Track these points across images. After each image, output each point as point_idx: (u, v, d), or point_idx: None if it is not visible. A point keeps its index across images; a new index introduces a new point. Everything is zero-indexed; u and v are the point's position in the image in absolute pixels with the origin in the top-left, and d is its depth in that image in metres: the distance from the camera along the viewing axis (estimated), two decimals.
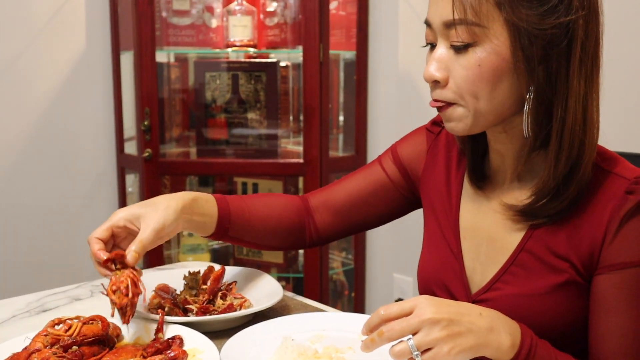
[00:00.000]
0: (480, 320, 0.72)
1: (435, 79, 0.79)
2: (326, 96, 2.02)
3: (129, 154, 2.20)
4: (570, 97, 0.76)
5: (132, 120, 2.19)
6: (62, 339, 0.81)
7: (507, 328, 0.73)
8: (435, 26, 0.79)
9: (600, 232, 0.78)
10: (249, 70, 2.08)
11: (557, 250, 0.80)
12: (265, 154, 2.09)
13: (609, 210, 0.78)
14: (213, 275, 1.02)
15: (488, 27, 0.74)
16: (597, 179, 0.79)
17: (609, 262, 0.78)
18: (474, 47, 0.76)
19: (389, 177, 1.02)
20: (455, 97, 0.79)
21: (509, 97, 0.78)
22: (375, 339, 0.71)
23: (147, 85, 2.00)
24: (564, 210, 0.80)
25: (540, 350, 0.74)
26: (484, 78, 0.76)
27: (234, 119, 2.11)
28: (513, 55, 0.75)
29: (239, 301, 0.99)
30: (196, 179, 2.23)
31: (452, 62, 0.78)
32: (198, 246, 2.19)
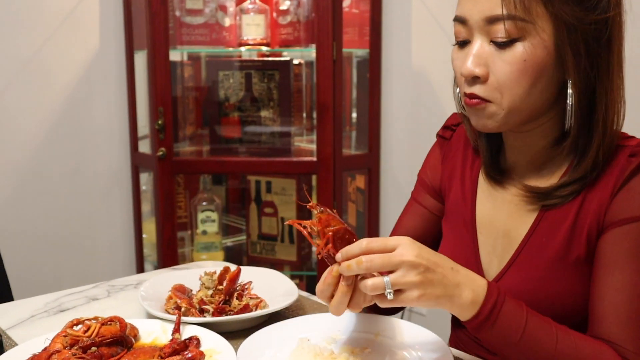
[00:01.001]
0: (450, 274, 0.74)
1: (475, 74, 0.79)
2: (339, 94, 2.02)
3: (143, 153, 2.21)
4: (612, 89, 0.78)
5: (146, 119, 2.20)
6: (81, 339, 0.82)
7: (471, 284, 0.75)
8: (473, 22, 0.79)
9: (605, 199, 0.80)
10: (262, 69, 2.08)
11: (567, 229, 0.82)
12: (278, 152, 2.10)
13: (614, 176, 0.80)
14: (229, 275, 1.02)
15: (534, 22, 0.75)
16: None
17: (609, 222, 0.80)
18: (519, 42, 0.76)
19: (429, 210, 1.02)
20: (493, 95, 0.79)
21: (546, 92, 0.79)
22: (353, 266, 0.72)
23: (160, 84, 2.01)
24: (577, 190, 0.82)
25: (506, 310, 0.75)
26: (528, 73, 0.77)
27: (247, 117, 2.11)
28: (559, 49, 0.76)
29: (254, 301, 1.00)
30: (210, 178, 2.23)
31: (492, 58, 0.78)
32: (212, 244, 2.20)
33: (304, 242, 2.21)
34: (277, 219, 2.22)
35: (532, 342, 0.75)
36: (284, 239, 2.22)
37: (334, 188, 2.02)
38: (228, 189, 2.43)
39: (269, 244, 2.24)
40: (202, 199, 2.19)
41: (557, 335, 0.76)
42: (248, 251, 2.28)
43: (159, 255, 2.12)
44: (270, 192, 2.22)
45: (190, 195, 2.27)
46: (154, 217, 2.17)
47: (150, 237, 2.28)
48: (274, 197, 2.22)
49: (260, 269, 1.13)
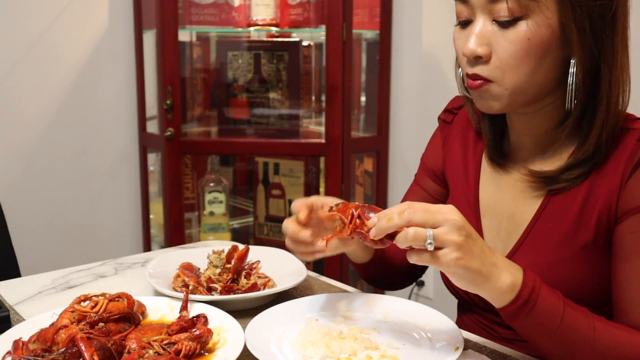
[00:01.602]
0: (488, 251, 0.72)
1: (477, 54, 0.77)
2: (348, 76, 2.00)
3: (151, 133, 2.20)
4: (616, 68, 0.76)
5: (154, 99, 2.19)
6: (88, 315, 0.82)
7: (509, 267, 0.73)
8: (475, 1, 0.77)
9: (616, 185, 0.78)
10: (271, 50, 2.06)
11: (575, 214, 0.80)
12: (286, 134, 2.08)
13: (623, 161, 0.78)
14: (237, 254, 1.01)
15: (538, 0, 0.73)
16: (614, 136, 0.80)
17: (625, 209, 0.78)
18: (523, 21, 0.74)
19: (431, 195, 1.02)
20: (495, 75, 0.77)
21: (550, 72, 0.77)
22: (395, 217, 0.70)
23: (169, 64, 1.99)
24: (584, 173, 0.80)
25: (544, 296, 0.73)
26: (532, 52, 0.75)
27: (255, 99, 2.10)
28: (563, 27, 0.74)
29: (262, 280, 0.99)
30: (217, 159, 2.22)
31: (496, 37, 0.76)
32: (219, 225, 2.20)
33: None
34: (284, 201, 2.21)
35: (570, 329, 0.73)
36: None
37: (342, 171, 2.01)
38: (236, 171, 2.43)
39: (276, 226, 2.24)
40: (209, 180, 2.18)
41: (594, 324, 0.74)
42: (255, 233, 2.28)
43: (166, 236, 2.12)
44: (278, 174, 2.22)
45: (197, 176, 2.26)
46: (161, 198, 2.17)
47: (157, 217, 2.28)
48: (281, 179, 2.21)
49: (268, 248, 1.12)
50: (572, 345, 0.73)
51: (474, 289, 0.72)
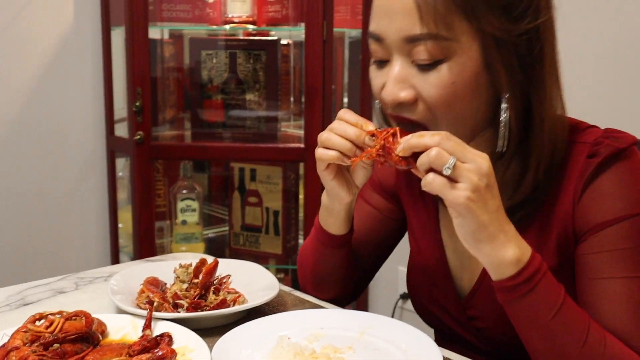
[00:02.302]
0: (503, 215, 0.71)
1: (400, 100, 0.75)
2: (329, 77, 2.00)
3: (120, 137, 2.19)
4: (547, 100, 0.76)
5: (123, 101, 2.18)
6: (42, 335, 0.81)
7: (519, 242, 0.72)
8: (391, 42, 0.75)
9: (569, 205, 0.79)
10: (248, 49, 2.06)
11: (533, 241, 0.80)
12: (264, 137, 2.08)
13: (574, 180, 0.78)
14: (205, 268, 1.00)
15: (459, 40, 0.72)
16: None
17: (583, 230, 0.79)
18: (445, 63, 0.73)
19: (379, 211, 1.02)
20: (426, 117, 0.76)
21: (482, 112, 0.77)
22: (427, 136, 0.70)
23: (139, 63, 1.98)
24: (530, 213, 0.80)
25: (546, 282, 0.72)
26: (459, 95, 0.74)
27: (231, 101, 2.10)
28: (489, 66, 0.73)
29: (232, 296, 0.99)
30: (190, 164, 2.22)
31: (417, 80, 0.75)
32: (192, 235, 2.19)
33: (290, 234, 2.21)
34: (261, 209, 2.21)
35: (563, 326, 0.72)
36: (268, 230, 2.21)
37: None
38: (210, 177, 2.42)
39: (252, 236, 2.23)
40: (182, 187, 2.17)
41: (589, 326, 0.73)
42: (230, 243, 2.28)
43: (136, 246, 2.11)
44: (254, 181, 2.21)
45: (169, 182, 2.25)
46: (131, 206, 2.15)
47: (126, 226, 2.26)
48: (258, 186, 2.21)
49: (239, 261, 1.12)
50: (561, 344, 0.73)
51: (474, 246, 0.71)
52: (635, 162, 0.78)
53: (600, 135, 0.80)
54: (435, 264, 0.94)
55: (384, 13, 0.75)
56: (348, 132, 0.79)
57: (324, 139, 0.81)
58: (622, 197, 0.76)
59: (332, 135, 0.80)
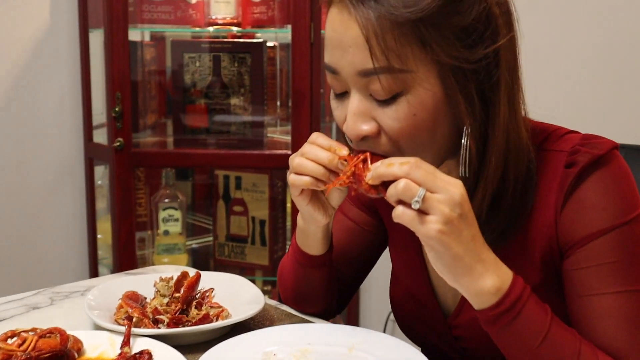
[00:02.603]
0: (480, 243, 0.71)
1: (363, 134, 0.76)
2: (317, 80, 2.01)
3: (98, 144, 2.18)
4: (498, 118, 0.76)
5: (102, 106, 2.17)
6: (15, 354, 0.80)
7: (497, 269, 0.72)
8: (346, 75, 0.75)
9: (551, 218, 0.79)
10: (232, 52, 2.06)
11: (516, 259, 0.80)
12: (249, 144, 2.08)
13: (554, 192, 0.78)
14: (187, 281, 1.01)
15: (416, 71, 0.72)
16: (538, 164, 0.80)
17: (568, 244, 0.78)
18: (403, 96, 0.73)
19: (355, 222, 1.02)
20: (389, 149, 0.76)
21: (450, 138, 0.77)
22: (395, 166, 0.70)
23: (118, 67, 1.98)
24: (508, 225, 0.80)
25: (530, 308, 0.72)
26: (422, 127, 0.74)
27: (215, 105, 2.10)
28: (449, 96, 0.73)
29: (215, 311, 0.99)
30: (173, 172, 2.21)
31: (378, 113, 0.75)
32: (175, 246, 2.18)
33: (277, 245, 2.21)
34: (247, 218, 2.21)
35: (552, 350, 0.72)
36: (254, 240, 2.21)
37: None
38: (193, 185, 2.41)
39: (238, 247, 2.23)
40: (164, 196, 2.17)
41: (580, 348, 0.74)
42: (215, 254, 2.27)
43: (115, 258, 2.10)
44: (240, 189, 2.21)
45: (151, 191, 2.24)
46: (110, 216, 2.14)
47: (105, 237, 2.25)
48: (244, 194, 2.21)
49: (223, 274, 1.12)
50: None
51: (452, 279, 0.71)
52: (616, 168, 0.78)
53: (577, 142, 0.80)
54: (418, 282, 0.94)
55: (336, 46, 0.75)
56: (320, 156, 0.80)
57: (296, 165, 0.82)
58: (605, 208, 0.76)
59: (304, 161, 0.81)
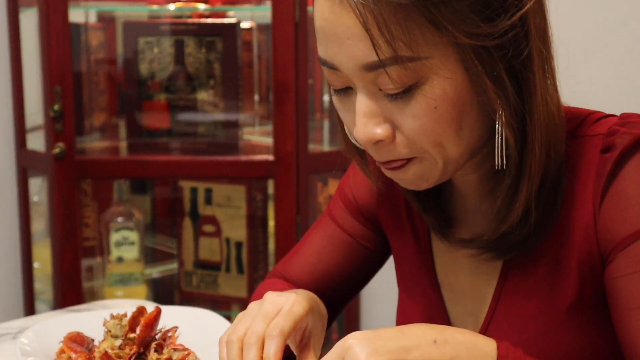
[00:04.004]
0: (435, 351, 0.71)
1: (377, 139, 0.77)
2: (304, 69, 2.01)
3: (34, 150, 2.18)
4: (536, 99, 0.77)
5: (38, 104, 2.16)
6: None
7: (473, 353, 0.72)
8: (348, 70, 0.76)
9: (589, 217, 0.80)
10: (199, 35, 2.06)
11: (548, 272, 0.82)
12: (221, 148, 2.08)
13: (591, 184, 0.80)
14: (144, 318, 1.02)
15: (430, 57, 0.73)
16: (570, 154, 0.82)
17: (609, 247, 0.79)
18: (419, 88, 0.74)
19: (349, 235, 1.04)
20: (412, 151, 0.78)
21: (479, 130, 0.79)
22: None
23: (57, 55, 1.98)
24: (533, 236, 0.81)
25: None
26: (446, 120, 0.75)
27: (178, 101, 2.10)
28: (473, 81, 0.75)
29: (180, 354, 0.99)
30: (127, 184, 2.21)
31: (391, 111, 0.76)
32: (131, 275, 2.17)
33: (257, 272, 2.20)
34: (220, 240, 2.20)
35: None
36: (230, 267, 2.20)
37: (297, 197, 2.01)
38: (153, 200, 2.42)
39: (209, 275, 2.23)
40: (116, 214, 2.16)
41: None
42: (181, 285, 2.27)
43: (57, 292, 2.09)
44: (210, 204, 2.21)
45: (100, 208, 2.24)
46: (50, 239, 2.13)
47: (44, 266, 2.24)
48: (215, 211, 2.21)
49: (189, 309, 1.13)
50: None
51: None
52: None
53: (614, 123, 0.81)
54: (429, 309, 0.95)
55: (331, 38, 0.75)
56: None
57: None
58: None
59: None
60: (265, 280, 1.10)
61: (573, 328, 0.82)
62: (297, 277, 1.05)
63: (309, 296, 0.90)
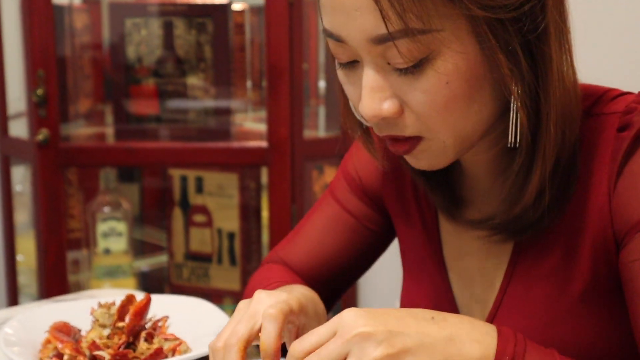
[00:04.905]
0: (433, 328, 0.72)
1: (383, 115, 0.77)
2: (299, 52, 2.01)
3: (16, 138, 2.18)
4: (552, 75, 0.77)
5: (20, 89, 2.16)
6: None
7: (475, 334, 0.73)
8: (355, 43, 0.75)
9: (604, 197, 0.80)
10: (188, 16, 2.06)
11: (560, 256, 0.82)
12: (213, 135, 2.08)
13: (607, 163, 0.80)
14: (134, 307, 1.02)
15: (441, 30, 0.72)
16: (585, 132, 0.82)
17: (624, 228, 0.79)
18: (430, 62, 0.74)
19: (353, 215, 1.04)
20: (419, 130, 0.78)
21: (491, 107, 0.79)
22: None
23: (40, 37, 1.97)
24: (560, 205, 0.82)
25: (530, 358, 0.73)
26: (457, 96, 0.75)
27: (167, 86, 2.10)
28: (487, 55, 0.74)
29: (171, 344, 1.00)
30: (114, 172, 2.21)
31: (400, 86, 0.76)
32: (118, 268, 2.18)
33: (251, 264, 2.20)
34: (211, 230, 2.21)
35: None
36: (221, 259, 2.20)
37: (292, 185, 2.01)
38: (141, 189, 2.42)
39: (200, 267, 2.23)
40: (103, 204, 2.16)
41: None
42: (171, 277, 2.27)
43: (41, 285, 2.09)
44: (201, 193, 2.21)
45: (86, 198, 2.24)
46: (34, 231, 2.13)
47: (28, 259, 2.24)
48: (207, 200, 2.21)
49: (180, 297, 1.14)
50: None
51: None
52: None
53: (632, 100, 0.80)
54: (437, 294, 0.95)
55: (337, 9, 0.75)
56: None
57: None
58: None
59: None
60: (264, 265, 1.10)
61: (585, 316, 0.82)
62: (297, 262, 1.05)
63: (302, 294, 0.90)
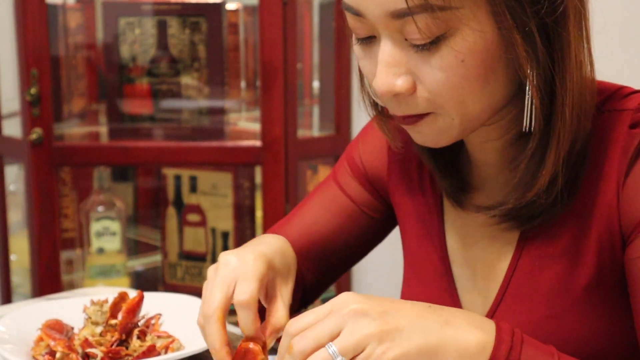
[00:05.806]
0: (429, 312, 0.73)
1: (396, 92, 0.77)
2: (293, 52, 2.01)
3: (9, 137, 2.17)
4: (570, 61, 0.77)
5: (14, 88, 2.16)
6: None
7: (472, 320, 0.73)
8: (374, 18, 0.76)
9: (612, 193, 0.80)
10: (182, 15, 2.06)
11: (565, 250, 0.82)
12: (206, 134, 2.08)
13: (617, 159, 0.80)
14: (126, 304, 1.02)
15: (460, 7, 0.73)
16: (596, 128, 0.82)
17: (631, 225, 0.79)
18: (447, 39, 0.74)
19: (352, 200, 1.04)
20: (429, 106, 0.78)
21: (504, 87, 0.79)
22: (286, 359, 0.72)
23: (33, 37, 1.97)
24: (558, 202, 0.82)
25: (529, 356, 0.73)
26: (472, 75, 0.76)
27: (161, 86, 2.10)
28: (503, 36, 0.75)
29: (164, 341, 1.01)
30: (108, 172, 2.20)
31: (416, 63, 0.76)
32: (112, 267, 2.17)
33: None
34: (205, 230, 2.21)
35: None
36: (215, 258, 2.16)
37: (286, 184, 2.02)
38: (135, 189, 2.42)
39: (194, 267, 2.23)
40: (97, 203, 2.16)
41: None
42: (165, 277, 2.27)
43: (35, 285, 2.09)
44: (195, 192, 2.21)
45: (80, 197, 2.24)
46: (27, 230, 2.13)
47: (21, 259, 2.24)
48: (201, 199, 2.21)
49: (172, 295, 1.15)
50: None
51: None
52: None
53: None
54: (438, 283, 0.95)
55: None
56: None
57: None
58: None
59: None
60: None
61: (587, 310, 0.82)
62: (291, 238, 1.05)
63: (268, 248, 0.91)
